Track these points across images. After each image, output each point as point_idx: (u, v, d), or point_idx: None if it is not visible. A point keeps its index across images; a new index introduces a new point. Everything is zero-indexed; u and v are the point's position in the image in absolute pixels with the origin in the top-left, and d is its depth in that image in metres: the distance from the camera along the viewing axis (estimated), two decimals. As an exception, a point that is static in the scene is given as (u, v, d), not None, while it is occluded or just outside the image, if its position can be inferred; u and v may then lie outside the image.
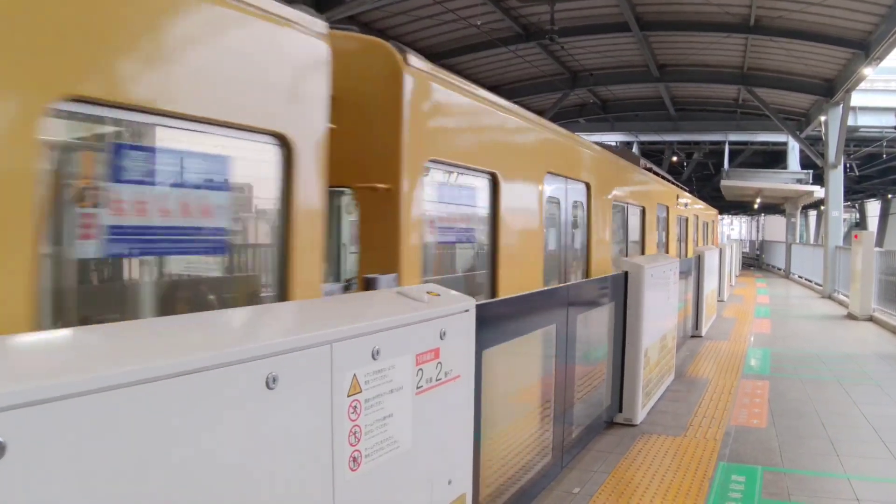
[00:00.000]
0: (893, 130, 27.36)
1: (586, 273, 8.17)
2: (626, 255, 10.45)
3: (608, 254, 8.99)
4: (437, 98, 4.66)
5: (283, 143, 3.01)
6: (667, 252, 14.38)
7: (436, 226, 4.92)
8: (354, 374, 2.37)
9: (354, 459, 2.39)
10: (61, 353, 1.77)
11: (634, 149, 30.95)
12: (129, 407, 1.62)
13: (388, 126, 4.14)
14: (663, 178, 15.46)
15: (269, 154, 3.01)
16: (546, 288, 6.04)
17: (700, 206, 22.06)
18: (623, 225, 10.73)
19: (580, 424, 6.20)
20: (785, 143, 31.70)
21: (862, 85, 19.18)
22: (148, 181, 2.54)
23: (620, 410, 7.34)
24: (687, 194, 18.64)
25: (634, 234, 11.54)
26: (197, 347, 1.89)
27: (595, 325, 6.65)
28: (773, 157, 36.44)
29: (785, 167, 32.17)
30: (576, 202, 7.85)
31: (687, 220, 17.96)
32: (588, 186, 8.05)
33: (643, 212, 11.82)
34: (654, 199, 12.86)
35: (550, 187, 6.83)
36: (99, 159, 2.48)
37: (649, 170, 13.65)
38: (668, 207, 14.50)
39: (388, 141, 4.12)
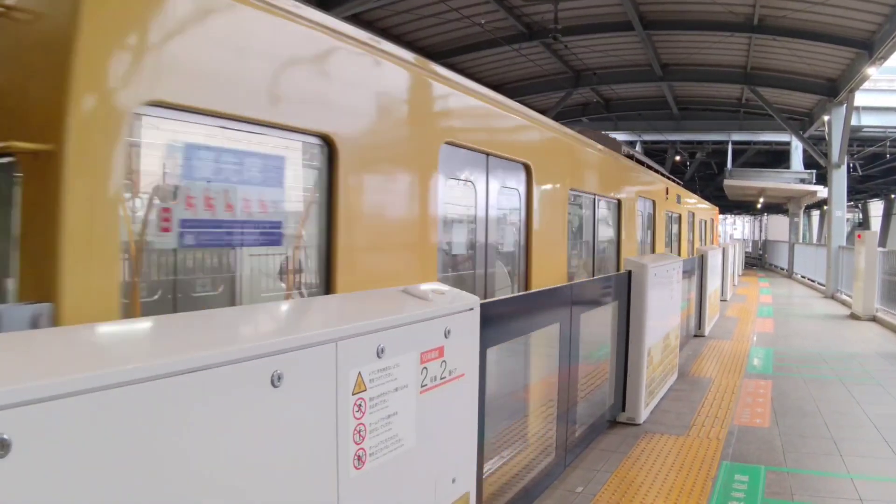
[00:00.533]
0: (897, 130, 27.38)
1: (525, 286, 6.32)
2: (594, 258, 8.96)
3: (561, 258, 7.21)
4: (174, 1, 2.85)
5: None
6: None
7: (175, 218, 2.99)
8: (359, 373, 2.36)
9: (359, 458, 2.38)
10: (66, 350, 1.77)
11: (637, 147, 30.90)
12: (134, 404, 1.62)
13: (50, 42, 2.53)
14: (651, 168, 14.03)
15: None
16: (550, 287, 5.93)
17: (697, 202, 20.77)
18: (588, 221, 8.82)
19: (583, 423, 6.19)
20: (788, 143, 31.66)
21: (865, 85, 19.19)
22: None
23: (623, 409, 7.32)
24: (681, 188, 17.23)
25: (606, 232, 9.67)
26: (202, 345, 1.88)
27: (598, 324, 6.63)
28: (777, 157, 36.37)
29: (788, 167, 32.12)
30: (506, 188, 5.99)
31: (680, 217, 16.29)
32: (528, 169, 6.20)
33: (619, 206, 9.86)
34: (635, 192, 10.99)
35: (453, 164, 5.04)
36: None
37: (630, 157, 11.97)
38: (654, 202, 12.66)
39: (49, 69, 2.50)
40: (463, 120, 5.25)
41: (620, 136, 31.10)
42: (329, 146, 3.61)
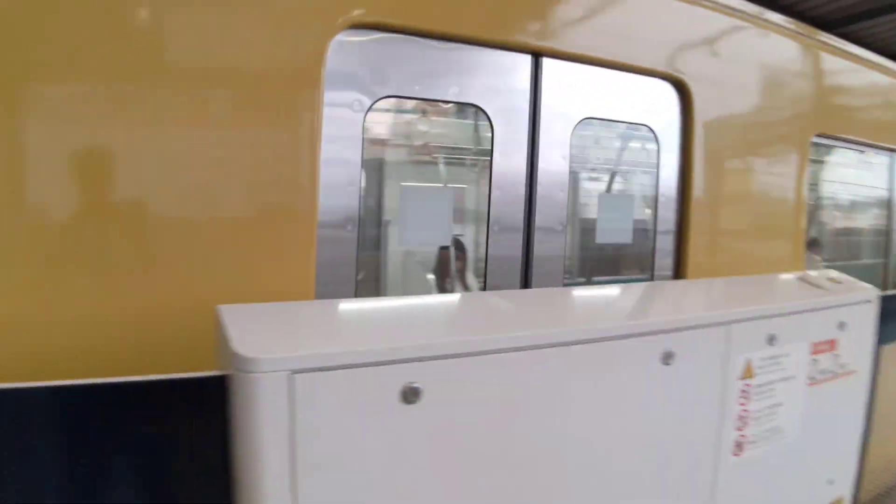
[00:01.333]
0: None
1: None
2: (889, 257, 5.26)
3: (791, 253, 3.85)
4: None
5: None
6: None
7: None
8: (748, 358, 2.21)
9: (738, 444, 2.24)
10: (475, 314, 1.88)
11: None
12: (528, 368, 1.69)
13: None
14: None
15: None
16: None
17: None
18: (867, 193, 5.23)
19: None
20: None
21: None
22: None
23: None
24: None
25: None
26: (598, 317, 1.89)
27: None
28: None
29: None
30: (598, 122, 3.05)
31: None
32: (683, 90, 3.20)
33: None
34: None
35: (399, 67, 2.40)
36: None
37: None
38: None
39: None
40: None
41: None
42: None
